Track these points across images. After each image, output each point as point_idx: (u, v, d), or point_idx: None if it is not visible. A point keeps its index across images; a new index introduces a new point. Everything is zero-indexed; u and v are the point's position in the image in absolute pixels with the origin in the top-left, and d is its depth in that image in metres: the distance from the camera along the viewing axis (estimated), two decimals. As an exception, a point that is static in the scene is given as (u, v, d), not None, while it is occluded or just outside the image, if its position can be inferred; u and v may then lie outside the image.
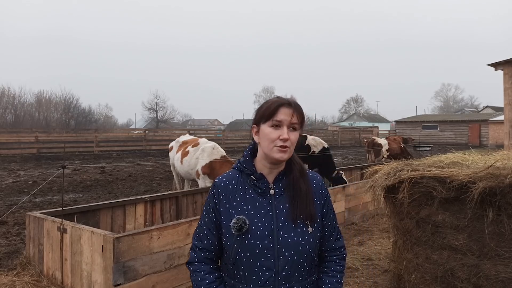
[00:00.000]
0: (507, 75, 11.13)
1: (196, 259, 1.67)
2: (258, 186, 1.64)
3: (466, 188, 2.96)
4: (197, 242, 1.69)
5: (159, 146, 25.89)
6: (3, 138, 22.19)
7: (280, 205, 1.62)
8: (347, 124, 66.97)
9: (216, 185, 1.69)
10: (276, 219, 1.59)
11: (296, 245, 1.58)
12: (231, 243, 1.60)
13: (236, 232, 1.57)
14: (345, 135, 39.13)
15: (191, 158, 7.47)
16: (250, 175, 1.66)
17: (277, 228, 1.58)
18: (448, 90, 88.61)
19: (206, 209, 1.70)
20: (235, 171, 1.72)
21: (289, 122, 1.58)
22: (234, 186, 1.66)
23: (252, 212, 1.60)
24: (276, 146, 1.57)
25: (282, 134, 1.57)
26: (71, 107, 49.29)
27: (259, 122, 1.65)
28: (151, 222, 5.69)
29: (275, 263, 1.56)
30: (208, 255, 1.67)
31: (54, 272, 4.14)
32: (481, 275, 3.03)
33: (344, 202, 6.63)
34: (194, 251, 1.69)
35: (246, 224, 1.57)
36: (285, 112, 1.58)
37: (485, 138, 36.09)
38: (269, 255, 1.56)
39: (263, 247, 1.56)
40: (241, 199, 1.63)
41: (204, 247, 1.67)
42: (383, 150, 13.32)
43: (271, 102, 1.62)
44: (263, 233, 1.57)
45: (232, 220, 1.59)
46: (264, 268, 1.56)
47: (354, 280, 4.30)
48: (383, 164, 3.89)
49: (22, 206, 8.22)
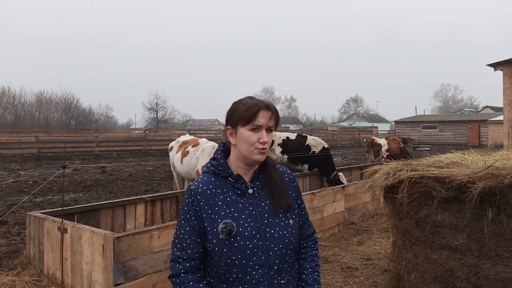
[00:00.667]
0: (507, 75, 11.14)
1: (182, 270, 1.62)
2: (237, 187, 1.65)
3: (466, 188, 2.97)
4: (180, 253, 1.63)
5: (159, 146, 25.88)
6: (4, 138, 22.19)
7: (261, 203, 1.65)
8: (346, 124, 67.01)
9: (193, 192, 1.64)
10: (260, 217, 1.62)
11: (283, 238, 1.63)
12: (220, 248, 1.58)
13: (226, 236, 1.57)
14: (345, 135, 39.12)
15: (191, 158, 7.48)
16: (228, 177, 1.66)
17: (263, 226, 1.61)
18: (448, 90, 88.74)
19: (185, 217, 1.64)
20: (209, 175, 1.69)
21: (267, 125, 1.63)
22: (213, 191, 1.64)
23: (236, 214, 1.61)
24: (256, 149, 1.61)
25: (261, 137, 1.61)
26: (71, 107, 49.31)
27: (235, 124, 1.64)
28: (152, 222, 5.69)
29: (267, 259, 1.60)
30: (193, 264, 1.63)
31: (55, 272, 4.15)
32: (481, 275, 3.04)
33: (343, 202, 6.63)
34: (178, 262, 1.63)
35: (234, 227, 1.58)
36: (264, 115, 1.61)
37: (485, 138, 36.09)
38: (260, 253, 1.59)
39: (253, 246, 1.59)
40: (222, 202, 1.63)
41: (189, 257, 1.63)
42: (383, 150, 13.33)
43: (249, 105, 1.62)
44: (251, 233, 1.59)
45: (219, 226, 1.58)
46: (257, 267, 1.59)
47: (354, 280, 4.31)
48: (382, 164, 3.90)
49: (22, 206, 8.23)
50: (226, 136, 1.71)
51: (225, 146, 1.73)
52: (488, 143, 33.12)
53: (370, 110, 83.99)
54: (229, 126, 1.67)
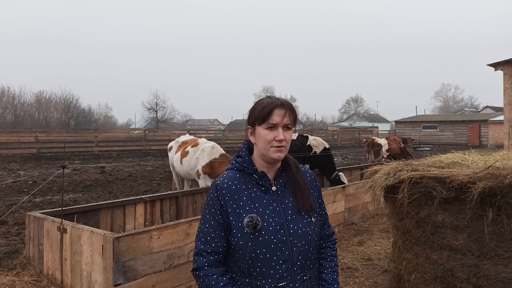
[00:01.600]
0: (507, 75, 11.13)
1: (206, 263, 1.65)
2: (262, 184, 1.69)
3: (466, 188, 2.96)
4: (204, 246, 1.66)
5: (159, 146, 25.88)
6: (3, 138, 22.19)
7: (285, 200, 1.69)
8: (347, 124, 67.00)
9: (219, 187, 1.68)
10: (284, 213, 1.66)
11: (306, 235, 1.67)
12: (245, 242, 1.61)
13: (251, 230, 1.60)
14: (345, 135, 39.14)
15: (191, 158, 7.47)
16: (252, 174, 1.70)
17: (286, 222, 1.65)
18: (448, 90, 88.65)
19: (210, 211, 1.68)
20: (233, 171, 1.74)
21: (283, 123, 1.65)
22: (238, 186, 1.68)
23: (261, 210, 1.65)
24: (272, 147, 1.65)
25: (277, 135, 1.64)
26: (71, 107, 49.32)
27: (254, 124, 1.70)
28: (151, 222, 5.69)
29: (290, 255, 1.63)
30: (217, 257, 1.66)
31: (54, 272, 4.14)
32: (481, 275, 3.03)
33: (344, 202, 6.63)
34: (202, 255, 1.66)
35: (259, 221, 1.61)
36: (279, 113, 1.65)
37: (485, 138, 36.09)
38: (283, 248, 1.62)
39: (278, 241, 1.62)
40: (247, 198, 1.66)
41: (213, 251, 1.65)
42: (383, 150, 13.33)
43: (265, 104, 1.67)
44: (276, 228, 1.63)
45: (244, 220, 1.62)
46: (281, 261, 1.62)
47: (354, 280, 4.30)
48: (383, 164, 3.89)
49: (22, 206, 8.22)
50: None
51: (249, 144, 1.77)
52: (488, 143, 33.13)
53: (370, 110, 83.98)
54: (249, 125, 1.73)
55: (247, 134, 1.75)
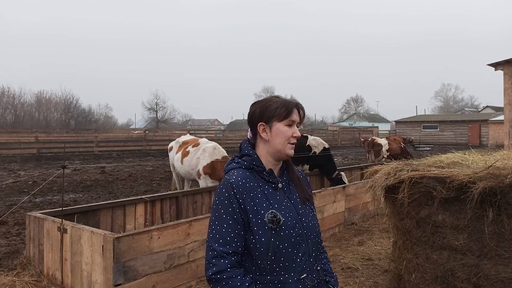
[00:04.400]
0: (507, 75, 11.13)
1: (229, 265, 1.58)
2: (271, 181, 1.73)
3: (466, 188, 2.97)
4: (224, 248, 1.59)
5: (159, 146, 25.86)
6: (3, 138, 22.17)
7: (293, 196, 1.75)
8: (347, 124, 66.97)
9: (235, 185, 1.65)
10: (295, 208, 1.72)
11: (315, 227, 1.76)
12: (267, 238, 1.62)
13: (275, 225, 1.62)
14: (345, 135, 39.13)
15: (191, 158, 7.47)
16: (262, 171, 1.73)
17: (299, 216, 1.71)
18: (448, 90, 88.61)
19: (227, 211, 1.62)
20: (243, 169, 1.73)
21: (298, 122, 1.77)
22: (251, 184, 1.69)
23: (277, 206, 1.67)
24: (289, 143, 1.73)
25: (295, 132, 1.74)
26: (71, 107, 49.34)
27: (270, 121, 1.73)
28: (151, 222, 5.69)
29: (307, 247, 1.69)
30: (237, 258, 1.62)
31: (54, 272, 4.14)
32: (481, 275, 3.03)
33: (344, 202, 6.63)
34: (223, 257, 1.58)
35: (281, 216, 1.65)
36: (297, 112, 1.76)
37: (485, 138, 36.08)
38: (301, 241, 1.68)
39: (296, 234, 1.66)
40: (262, 195, 1.68)
41: (234, 251, 1.60)
42: (383, 150, 13.33)
43: (284, 102, 1.74)
44: (292, 222, 1.67)
45: (267, 215, 1.63)
46: (301, 254, 1.67)
47: (354, 280, 4.30)
48: (383, 164, 3.89)
49: (22, 206, 8.22)
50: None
51: (250, 143, 1.81)
52: (488, 143, 33.11)
53: (370, 110, 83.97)
54: (263, 122, 1.74)
55: (258, 131, 1.75)
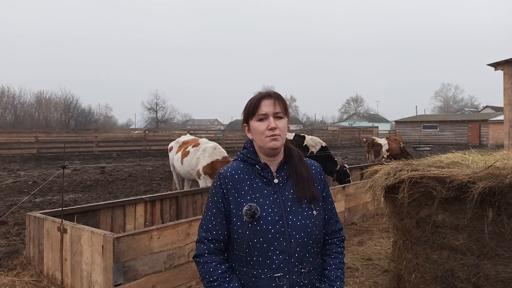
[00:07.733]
0: (507, 75, 11.12)
1: (206, 251, 1.67)
2: (263, 175, 1.72)
3: (466, 188, 2.96)
4: (205, 234, 1.69)
5: (159, 146, 25.88)
6: (3, 138, 22.18)
7: (286, 192, 1.71)
8: (347, 124, 66.99)
9: (222, 175, 1.72)
10: (283, 205, 1.67)
11: (305, 227, 1.66)
12: (243, 231, 1.64)
13: (249, 218, 1.62)
14: (345, 135, 39.12)
15: (191, 158, 7.46)
16: (255, 164, 1.73)
17: (285, 213, 1.66)
18: (448, 90, 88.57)
19: (213, 200, 1.71)
20: (238, 161, 1.78)
21: (273, 112, 1.68)
22: (241, 176, 1.72)
23: (261, 200, 1.67)
24: (267, 137, 1.67)
25: (269, 124, 1.67)
26: (71, 107, 49.35)
27: (247, 120, 1.75)
28: (151, 222, 5.69)
29: (287, 246, 1.63)
30: (217, 246, 1.69)
31: (54, 272, 4.14)
32: (481, 275, 3.03)
33: (344, 202, 6.62)
34: (203, 243, 1.69)
35: (258, 210, 1.63)
36: (267, 103, 1.69)
37: (485, 138, 36.08)
38: (281, 239, 1.63)
39: (275, 231, 1.63)
40: (249, 188, 1.69)
41: (214, 238, 1.68)
42: (383, 150, 13.32)
43: (253, 98, 1.73)
44: (274, 219, 1.64)
45: (244, 208, 1.64)
46: (278, 252, 1.62)
47: (354, 280, 4.30)
48: (383, 164, 3.89)
49: (22, 206, 8.22)
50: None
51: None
52: (488, 143, 33.11)
53: (370, 110, 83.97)
54: (244, 123, 1.77)
55: (245, 133, 1.79)
